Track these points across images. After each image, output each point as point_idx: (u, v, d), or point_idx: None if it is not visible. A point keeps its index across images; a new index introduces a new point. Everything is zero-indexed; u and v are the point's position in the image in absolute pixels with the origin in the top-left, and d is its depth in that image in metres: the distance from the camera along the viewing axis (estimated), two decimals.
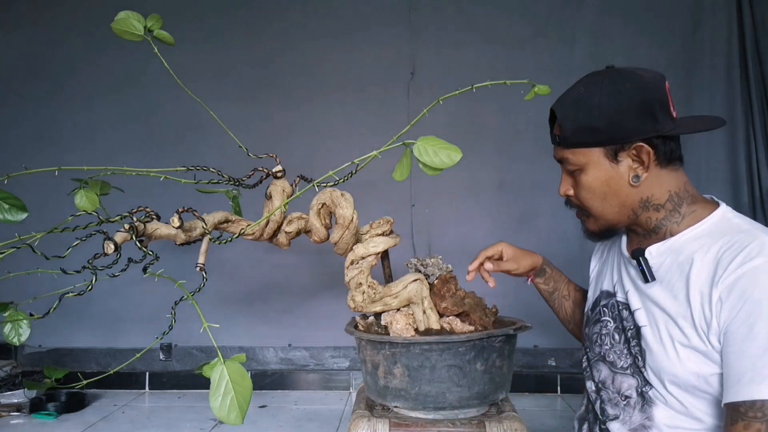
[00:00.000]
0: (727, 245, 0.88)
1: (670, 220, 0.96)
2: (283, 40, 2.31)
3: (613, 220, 0.99)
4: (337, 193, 1.13)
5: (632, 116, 0.91)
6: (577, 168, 0.97)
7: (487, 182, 2.26)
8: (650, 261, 0.97)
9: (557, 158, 1.02)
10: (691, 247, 0.92)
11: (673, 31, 2.20)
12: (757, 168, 2.11)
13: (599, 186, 0.96)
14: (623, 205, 0.96)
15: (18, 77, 2.38)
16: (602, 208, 0.98)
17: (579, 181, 0.98)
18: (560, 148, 0.99)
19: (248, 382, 0.76)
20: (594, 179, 0.96)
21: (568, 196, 1.04)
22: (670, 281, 0.94)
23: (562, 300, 1.27)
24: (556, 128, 0.99)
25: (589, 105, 0.93)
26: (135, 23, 1.03)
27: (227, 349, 2.24)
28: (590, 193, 0.97)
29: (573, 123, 0.94)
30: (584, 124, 0.93)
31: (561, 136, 0.97)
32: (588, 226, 1.03)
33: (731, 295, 0.84)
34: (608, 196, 0.96)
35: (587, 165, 0.96)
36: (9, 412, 1.95)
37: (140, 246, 0.96)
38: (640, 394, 0.98)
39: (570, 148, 0.96)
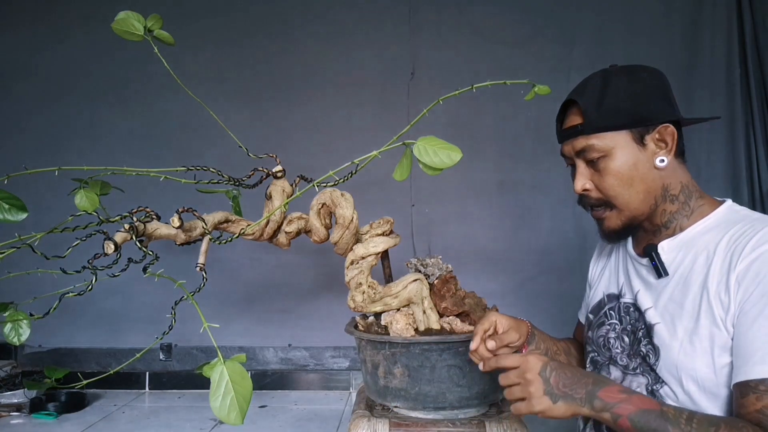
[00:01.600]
0: (738, 233, 0.90)
1: (681, 214, 0.98)
2: (284, 41, 2.31)
3: (637, 210, 0.97)
4: (337, 193, 1.13)
5: (654, 99, 0.96)
6: (602, 155, 0.95)
7: (487, 182, 2.25)
8: (662, 256, 0.98)
9: (576, 150, 0.98)
10: (703, 239, 0.94)
11: (673, 31, 2.20)
12: (757, 168, 2.10)
13: (627, 170, 0.95)
14: (648, 192, 0.96)
15: (18, 77, 2.37)
16: (629, 196, 0.96)
17: (604, 169, 0.96)
18: (582, 137, 0.96)
19: (248, 382, 0.76)
20: (622, 163, 0.95)
21: (585, 192, 1.00)
22: (683, 275, 0.95)
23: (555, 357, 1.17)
24: (575, 118, 0.98)
25: (613, 89, 0.95)
26: (135, 23, 1.03)
27: (227, 349, 2.24)
28: (617, 179, 0.95)
29: (599, 106, 0.95)
30: (611, 107, 0.94)
31: (584, 123, 0.95)
32: (609, 224, 1.00)
33: (746, 277, 0.86)
34: (635, 182, 0.95)
35: (614, 149, 0.95)
36: (9, 412, 1.95)
37: (140, 246, 0.96)
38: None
39: (596, 133, 0.95)
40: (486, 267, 2.16)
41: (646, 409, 0.83)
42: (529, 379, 0.87)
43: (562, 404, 0.85)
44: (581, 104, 0.96)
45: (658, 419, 0.81)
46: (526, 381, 0.87)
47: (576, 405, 0.85)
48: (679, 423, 0.81)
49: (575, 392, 0.86)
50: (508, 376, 0.90)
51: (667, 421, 0.81)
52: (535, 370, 0.87)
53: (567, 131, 0.99)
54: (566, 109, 1.02)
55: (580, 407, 0.85)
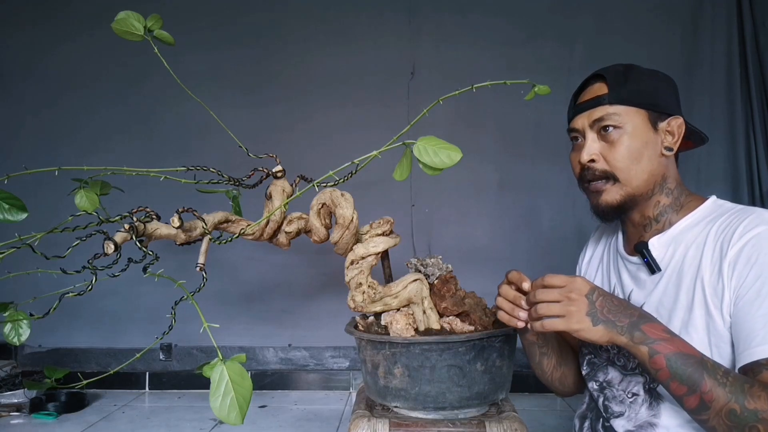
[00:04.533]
0: (725, 223, 0.93)
1: (672, 208, 1.00)
2: (284, 41, 2.32)
3: (638, 188, 0.98)
4: (337, 193, 1.13)
5: (669, 93, 1.02)
6: (618, 126, 0.97)
7: (487, 182, 2.26)
8: (653, 252, 0.99)
9: (593, 119, 0.99)
10: (691, 233, 0.97)
11: (673, 31, 2.20)
12: (757, 168, 2.11)
13: (638, 146, 0.97)
14: (651, 174, 0.98)
15: (18, 77, 2.38)
16: (634, 172, 0.97)
17: (616, 140, 0.97)
18: (603, 107, 0.98)
19: (248, 382, 0.76)
20: (635, 138, 0.97)
21: (591, 163, 1.00)
22: (675, 269, 0.97)
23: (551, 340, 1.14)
24: (599, 89, 1.00)
25: (636, 74, 1.00)
26: (135, 23, 1.03)
27: (227, 349, 2.24)
28: (627, 152, 0.97)
29: (624, 82, 0.98)
30: (635, 85, 0.99)
31: (609, 93, 0.98)
32: (606, 197, 1.00)
33: (738, 263, 0.87)
34: (643, 159, 0.97)
35: (629, 125, 0.97)
36: (9, 412, 1.95)
37: (140, 246, 0.96)
38: (647, 391, 0.98)
39: (618, 104, 0.97)
40: (486, 267, 2.16)
41: (686, 353, 0.83)
42: (573, 299, 0.86)
43: (601, 328, 0.85)
44: (608, 77, 0.99)
45: (695, 365, 0.81)
46: (569, 300, 0.86)
47: (615, 332, 0.85)
48: (716, 374, 0.80)
49: (619, 320, 0.85)
50: (551, 292, 0.88)
51: (705, 370, 0.81)
52: (583, 291, 0.86)
53: (588, 102, 1.01)
54: (586, 85, 1.04)
55: (619, 335, 0.84)
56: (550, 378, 1.15)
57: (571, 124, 1.05)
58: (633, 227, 1.04)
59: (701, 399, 0.80)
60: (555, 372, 1.14)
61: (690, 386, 0.81)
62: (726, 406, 0.79)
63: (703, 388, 0.80)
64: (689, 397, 0.82)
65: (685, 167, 2.15)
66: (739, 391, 0.79)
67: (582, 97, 1.03)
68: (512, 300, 0.96)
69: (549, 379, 1.15)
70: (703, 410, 0.81)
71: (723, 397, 0.79)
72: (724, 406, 0.79)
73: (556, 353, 1.13)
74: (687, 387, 0.81)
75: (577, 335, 0.86)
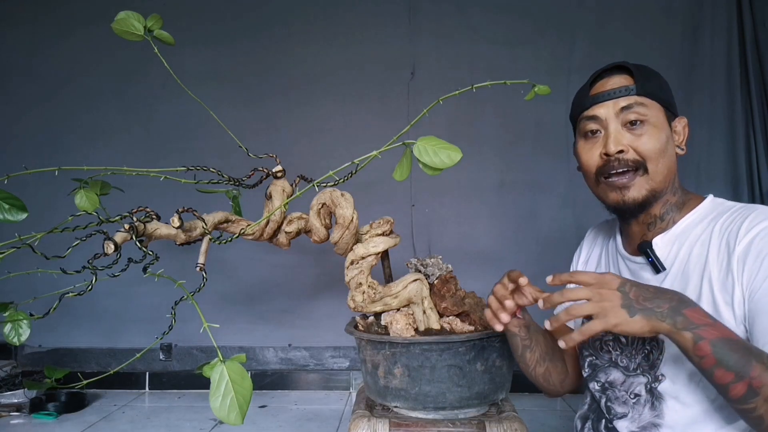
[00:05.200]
0: (729, 219, 0.92)
1: (676, 206, 1.00)
2: (284, 41, 2.31)
3: (661, 183, 0.98)
4: (337, 193, 1.13)
5: (672, 95, 1.02)
6: (644, 119, 0.96)
7: (487, 182, 2.26)
8: (657, 252, 0.99)
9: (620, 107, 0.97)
10: (694, 231, 0.97)
11: (673, 31, 2.20)
12: (757, 168, 2.10)
13: (664, 140, 0.97)
14: (669, 170, 0.98)
15: (18, 77, 2.38)
16: (661, 165, 0.97)
17: (645, 132, 0.96)
18: (631, 96, 0.97)
19: (248, 382, 0.76)
20: (660, 131, 0.97)
21: (620, 153, 0.97)
22: (680, 267, 0.96)
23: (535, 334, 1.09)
24: (624, 80, 0.99)
25: (653, 72, 1.00)
26: (135, 23, 1.03)
27: (227, 349, 2.24)
28: (656, 144, 0.96)
29: (648, 77, 0.98)
30: (657, 81, 0.99)
31: (636, 85, 0.97)
32: (633, 193, 0.97)
33: (748, 258, 0.87)
34: (666, 154, 0.97)
35: (654, 118, 0.97)
36: (9, 412, 1.95)
37: (140, 246, 0.96)
38: (649, 391, 0.98)
39: (646, 96, 0.97)
40: (486, 267, 2.16)
41: (731, 338, 0.79)
42: (605, 294, 0.82)
43: (640, 318, 0.80)
44: (633, 69, 0.98)
45: (742, 350, 0.78)
46: (600, 296, 0.82)
47: (656, 319, 0.80)
48: (762, 359, 0.77)
49: (657, 306, 0.81)
50: (580, 291, 0.83)
51: (752, 354, 0.78)
52: (614, 285, 0.82)
53: (613, 91, 0.98)
54: (605, 75, 1.02)
55: (660, 322, 0.80)
56: (533, 373, 1.10)
57: (590, 112, 1.00)
58: (637, 226, 1.03)
59: (750, 385, 0.77)
60: (538, 367, 1.09)
61: (737, 372, 0.77)
62: None
63: (752, 373, 0.76)
64: (736, 384, 0.78)
65: (685, 167, 2.15)
66: None
67: (601, 87, 1.00)
68: (500, 298, 0.95)
69: (533, 374, 1.10)
70: (752, 397, 0.77)
71: None
72: None
73: (540, 347, 1.08)
74: (734, 373, 0.77)
75: (618, 331, 0.82)
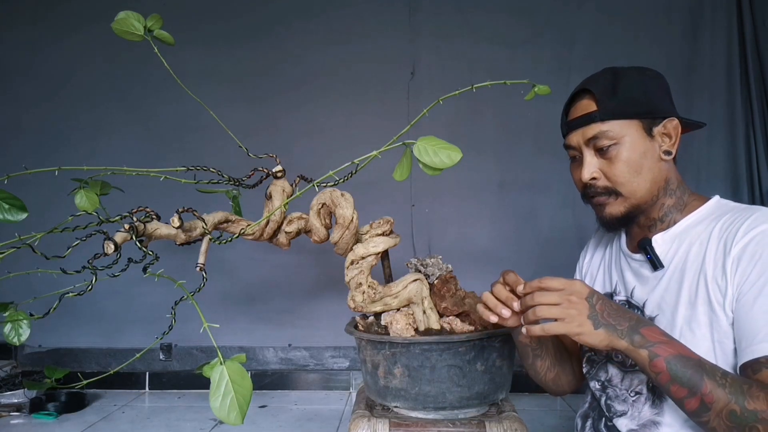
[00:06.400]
0: (729, 220, 0.93)
1: (676, 208, 1.01)
2: (284, 41, 2.31)
3: (642, 198, 0.98)
4: (337, 193, 1.13)
5: (660, 94, 1.00)
6: (614, 142, 0.96)
7: (487, 182, 2.26)
8: (657, 249, 1.00)
9: (588, 137, 0.98)
10: (695, 230, 0.97)
11: (673, 31, 2.20)
12: (757, 168, 2.10)
13: (637, 158, 0.96)
14: (654, 182, 0.98)
15: (18, 78, 2.37)
16: (636, 184, 0.97)
17: (615, 156, 0.97)
18: (595, 124, 0.97)
19: (248, 382, 0.76)
20: (633, 151, 0.96)
21: (593, 180, 1.00)
22: (678, 265, 0.97)
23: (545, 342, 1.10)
24: (588, 106, 0.99)
25: (625, 81, 0.98)
26: (135, 23, 1.03)
27: (227, 349, 2.24)
28: (627, 166, 0.96)
29: (613, 95, 0.97)
30: (624, 96, 0.97)
31: (599, 110, 0.97)
32: (611, 210, 1.00)
33: (742, 260, 0.87)
34: (643, 170, 0.97)
35: (625, 137, 0.96)
36: (9, 412, 1.95)
37: (140, 246, 0.96)
38: (650, 389, 0.98)
39: (610, 119, 0.96)
40: (486, 267, 2.15)
41: (684, 355, 0.83)
42: (573, 301, 0.85)
43: (602, 331, 0.84)
44: (595, 92, 0.98)
45: (695, 367, 0.82)
46: (569, 303, 0.85)
47: (615, 336, 0.84)
48: (715, 376, 0.81)
49: (619, 324, 0.85)
50: (549, 295, 0.86)
51: (704, 371, 0.81)
52: (583, 294, 0.86)
53: (579, 119, 1.00)
54: (575, 99, 1.03)
55: (619, 339, 0.84)
56: (543, 379, 1.14)
57: (567, 141, 1.04)
58: (638, 228, 1.04)
59: (702, 401, 0.81)
60: (549, 373, 1.13)
61: (690, 388, 0.81)
62: (726, 407, 0.79)
63: (704, 389, 0.80)
64: (690, 399, 0.82)
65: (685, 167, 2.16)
66: (739, 392, 0.79)
67: (572, 114, 1.02)
68: (504, 300, 0.94)
69: (543, 380, 1.14)
70: (704, 412, 0.81)
71: (723, 398, 0.79)
72: (725, 407, 0.79)
73: (550, 355, 1.11)
74: (687, 389, 0.82)
75: (578, 339, 0.86)
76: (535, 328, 0.88)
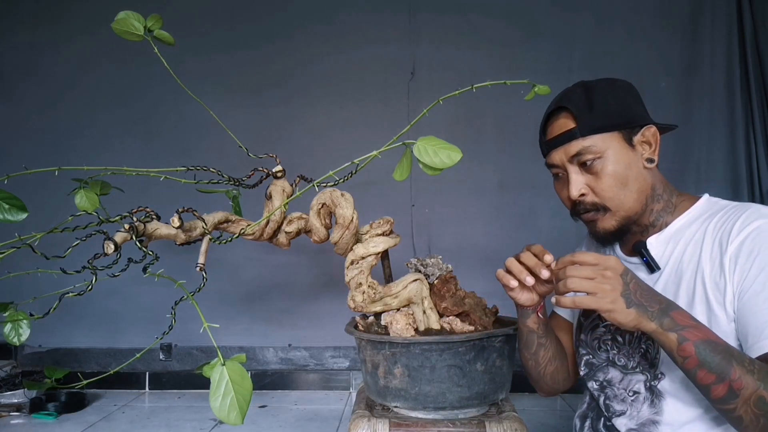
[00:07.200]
0: (723, 218, 0.93)
1: (666, 211, 1.01)
2: (284, 41, 2.31)
3: (631, 209, 0.97)
4: (337, 193, 1.13)
5: (634, 102, 0.99)
6: (597, 157, 0.95)
7: (487, 182, 2.26)
8: (651, 251, 1.00)
9: (571, 155, 0.98)
10: (689, 230, 0.97)
11: (673, 31, 2.20)
12: (757, 168, 2.10)
13: (622, 170, 0.96)
14: (641, 191, 0.97)
15: (20, 78, 2.38)
16: (624, 196, 0.96)
17: (600, 171, 0.96)
18: (576, 141, 0.96)
19: (248, 382, 0.76)
20: (617, 163, 0.96)
21: (581, 196, 0.99)
22: (674, 266, 0.97)
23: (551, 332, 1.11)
24: (566, 123, 0.98)
25: (598, 94, 0.97)
26: (135, 23, 1.03)
27: (227, 349, 2.24)
28: (613, 180, 0.95)
29: (590, 109, 0.96)
30: (600, 109, 0.96)
31: (579, 125, 0.96)
32: (603, 225, 0.99)
33: (740, 257, 0.87)
34: (629, 182, 0.96)
35: (608, 151, 0.96)
36: (9, 412, 1.95)
37: (140, 246, 0.96)
38: (648, 389, 0.98)
39: (591, 134, 0.95)
40: (486, 267, 2.15)
41: (713, 340, 0.81)
42: (608, 276, 0.82)
43: (633, 311, 0.82)
44: (572, 108, 0.97)
45: (724, 352, 0.80)
46: (603, 277, 0.82)
47: (645, 317, 0.82)
48: (743, 362, 0.80)
49: (650, 305, 0.83)
50: (584, 269, 0.84)
51: (732, 357, 0.80)
52: (618, 271, 0.83)
53: (559, 137, 0.99)
54: (551, 119, 1.02)
55: (649, 321, 0.82)
56: (543, 371, 1.11)
57: (549, 160, 1.03)
58: (631, 234, 1.04)
59: (730, 387, 0.79)
60: (549, 365, 1.11)
61: (719, 374, 0.79)
62: (755, 394, 0.78)
63: (732, 375, 0.79)
64: (718, 385, 0.80)
65: (685, 167, 2.17)
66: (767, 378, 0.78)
67: (551, 132, 1.01)
68: (532, 266, 0.91)
69: (542, 372, 1.11)
70: (732, 399, 0.79)
71: (752, 384, 0.78)
72: (753, 393, 0.78)
73: (553, 346, 1.10)
74: (716, 375, 0.80)
75: (608, 316, 0.83)
76: (566, 300, 0.85)
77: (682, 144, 2.15)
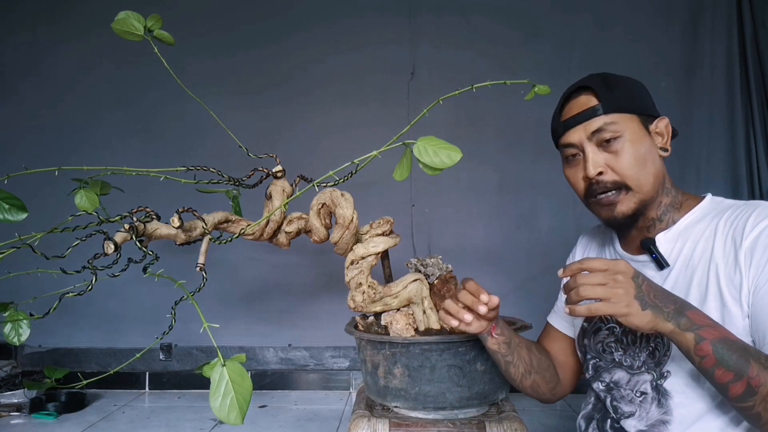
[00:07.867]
0: (733, 215, 0.93)
1: (673, 207, 1.01)
2: (284, 41, 2.31)
3: (648, 193, 0.97)
4: (337, 193, 1.13)
5: (647, 96, 1.02)
6: (618, 135, 0.96)
7: (487, 182, 2.26)
8: (660, 249, 0.99)
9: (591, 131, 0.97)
10: (697, 228, 0.97)
11: (673, 31, 2.20)
12: (757, 168, 2.10)
13: (642, 151, 0.96)
14: (656, 177, 0.98)
15: (19, 80, 2.37)
16: (644, 177, 0.96)
17: (620, 149, 0.96)
18: (598, 117, 0.96)
19: (248, 382, 0.76)
20: (637, 143, 0.96)
21: (599, 176, 0.98)
22: (685, 263, 0.96)
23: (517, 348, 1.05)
24: (588, 101, 0.98)
25: (617, 81, 0.99)
26: (135, 23, 1.03)
27: (227, 349, 2.24)
28: (633, 158, 0.96)
29: (612, 90, 0.97)
30: (623, 91, 0.98)
31: (602, 103, 0.96)
32: (621, 208, 0.98)
33: (755, 252, 0.87)
34: (647, 163, 0.97)
35: (628, 132, 0.96)
36: (9, 412, 1.95)
37: (140, 246, 0.96)
38: (655, 388, 0.98)
39: (613, 112, 0.96)
40: (486, 267, 2.16)
41: (730, 339, 0.81)
42: (620, 281, 0.82)
43: (649, 313, 0.82)
44: (595, 87, 0.98)
45: (740, 351, 0.80)
46: (615, 282, 0.82)
47: (661, 318, 0.82)
48: (760, 359, 0.79)
49: (665, 305, 0.83)
50: (594, 276, 0.83)
51: (749, 354, 0.80)
52: (629, 274, 0.83)
53: (580, 114, 0.99)
54: (571, 98, 1.02)
55: (665, 321, 0.82)
56: (520, 385, 1.09)
57: (565, 139, 1.02)
58: (636, 230, 1.03)
59: (748, 384, 0.79)
60: (525, 380, 1.08)
61: (737, 372, 0.79)
62: None
63: (750, 373, 0.79)
64: (735, 383, 0.80)
65: (685, 167, 2.17)
66: None
67: (569, 112, 1.01)
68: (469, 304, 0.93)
69: (520, 386, 1.09)
70: (750, 396, 0.79)
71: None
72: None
73: (524, 362, 1.06)
74: (734, 373, 0.79)
75: (624, 320, 0.82)
76: (580, 309, 0.84)
77: (682, 144, 2.15)
